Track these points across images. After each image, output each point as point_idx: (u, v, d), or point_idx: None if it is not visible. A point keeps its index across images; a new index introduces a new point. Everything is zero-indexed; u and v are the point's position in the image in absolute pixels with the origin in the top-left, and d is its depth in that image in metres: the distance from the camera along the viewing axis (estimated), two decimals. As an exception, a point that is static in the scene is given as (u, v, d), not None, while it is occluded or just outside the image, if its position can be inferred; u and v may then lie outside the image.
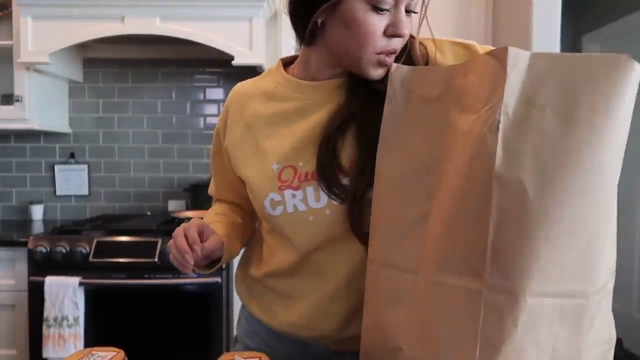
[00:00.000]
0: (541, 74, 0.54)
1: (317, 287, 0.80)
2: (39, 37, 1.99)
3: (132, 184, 2.50)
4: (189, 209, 2.35)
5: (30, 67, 2.08)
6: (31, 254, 1.82)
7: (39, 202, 2.45)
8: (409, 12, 0.72)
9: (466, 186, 0.56)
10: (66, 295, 1.75)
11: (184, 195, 2.44)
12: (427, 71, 0.66)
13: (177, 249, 0.75)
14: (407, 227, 0.63)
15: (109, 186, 2.50)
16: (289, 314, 0.83)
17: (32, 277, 1.80)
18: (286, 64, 0.86)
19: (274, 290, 0.86)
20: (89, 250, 1.81)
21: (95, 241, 1.84)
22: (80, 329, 1.76)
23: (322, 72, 0.79)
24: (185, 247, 0.74)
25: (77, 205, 2.50)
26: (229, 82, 2.46)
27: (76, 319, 1.76)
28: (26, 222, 2.36)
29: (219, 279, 1.81)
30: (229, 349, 0.99)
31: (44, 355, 1.75)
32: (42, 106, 2.20)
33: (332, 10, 0.70)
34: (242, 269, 0.94)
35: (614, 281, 0.62)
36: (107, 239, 1.86)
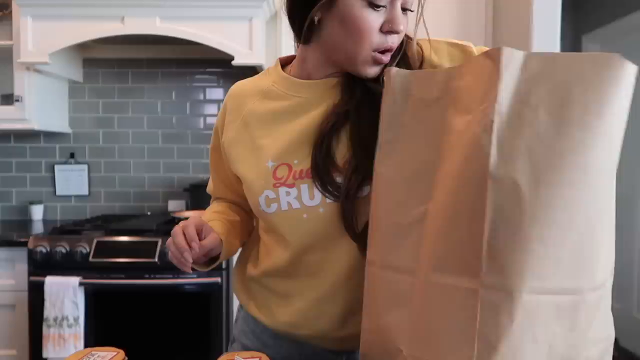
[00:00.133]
0: (534, 74, 0.54)
1: (313, 287, 0.80)
2: (39, 37, 1.99)
3: (132, 184, 2.50)
4: (189, 209, 2.36)
5: (30, 67, 2.08)
6: (31, 254, 1.82)
7: (39, 202, 2.45)
8: (405, 10, 0.73)
9: (461, 186, 0.56)
10: (66, 295, 1.75)
11: (184, 195, 2.44)
12: (425, 74, 0.67)
13: (175, 247, 0.76)
14: (406, 229, 0.63)
15: (109, 186, 2.50)
16: (285, 313, 0.83)
17: (32, 277, 1.80)
18: (285, 63, 0.86)
19: (270, 289, 0.86)
20: (89, 250, 1.81)
21: (95, 241, 1.84)
22: (80, 329, 1.76)
23: (318, 70, 0.80)
24: (183, 245, 0.75)
25: (77, 205, 2.50)
26: (229, 82, 2.46)
27: (76, 319, 1.76)
28: (26, 222, 2.36)
29: (219, 279, 1.81)
30: (228, 347, 0.99)
31: (44, 355, 1.76)
32: (42, 106, 2.20)
33: (329, 7, 0.71)
34: (240, 268, 0.95)
35: (612, 279, 0.62)
36: (107, 239, 1.86)
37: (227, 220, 0.90)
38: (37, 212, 2.43)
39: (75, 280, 1.76)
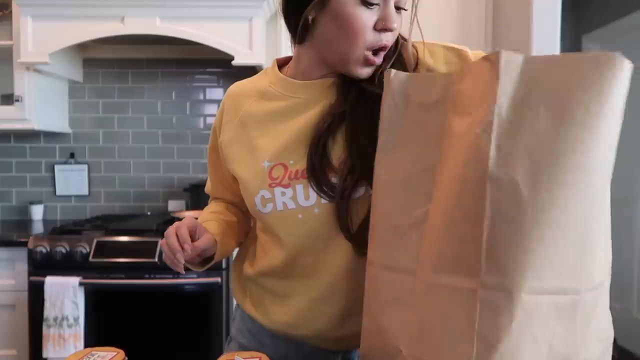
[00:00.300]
0: (534, 76, 0.55)
1: (309, 287, 0.80)
2: (39, 37, 1.99)
3: (132, 184, 2.50)
4: (189, 209, 2.36)
5: (30, 67, 2.08)
6: (31, 254, 1.82)
7: (39, 202, 2.45)
8: (399, 8, 0.73)
9: (461, 187, 0.56)
10: (66, 295, 1.75)
11: (184, 195, 2.44)
12: (425, 77, 0.67)
13: (168, 248, 0.77)
14: (406, 229, 0.64)
15: (109, 186, 2.50)
16: (281, 313, 0.84)
17: (32, 277, 1.80)
18: (282, 64, 0.87)
19: (266, 288, 0.87)
20: (89, 250, 1.81)
21: (95, 241, 1.84)
22: (80, 329, 1.76)
23: (313, 70, 0.80)
24: (176, 246, 0.76)
25: (77, 205, 2.50)
26: (229, 82, 2.45)
27: (76, 319, 1.76)
28: (26, 222, 2.36)
29: (218, 279, 1.81)
30: (225, 345, 1.00)
31: (44, 355, 1.76)
32: (42, 106, 2.20)
33: (322, 6, 0.72)
34: (237, 267, 0.95)
35: (610, 279, 0.63)
36: (107, 239, 1.86)
37: (224, 220, 0.91)
38: (37, 212, 2.43)
39: (75, 280, 1.76)
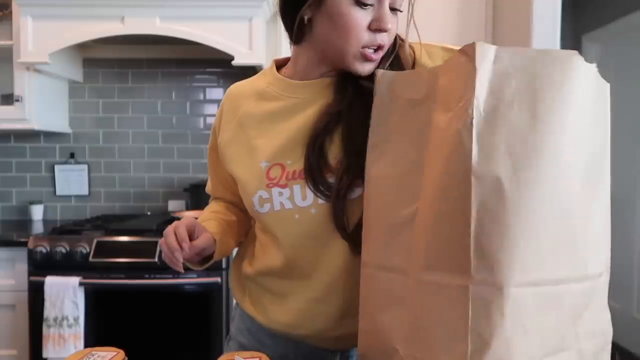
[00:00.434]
0: (506, 68, 0.56)
1: (306, 288, 0.81)
2: (39, 37, 1.99)
3: (132, 184, 2.50)
4: (189, 209, 2.36)
5: (30, 67, 2.08)
6: (31, 254, 1.82)
7: (39, 202, 2.45)
8: (394, 10, 0.74)
9: (446, 183, 0.57)
10: (66, 295, 1.75)
11: (184, 195, 2.44)
12: (411, 74, 0.68)
13: (167, 247, 0.78)
14: (397, 229, 0.64)
15: (109, 186, 2.50)
16: (280, 313, 0.84)
17: (32, 277, 1.80)
18: (280, 65, 0.88)
19: (265, 288, 0.87)
20: (89, 250, 1.81)
21: (95, 241, 1.84)
22: (80, 329, 1.76)
23: (310, 70, 0.81)
24: (174, 245, 0.77)
25: (77, 205, 2.50)
26: (229, 82, 2.45)
27: (76, 319, 1.76)
28: (26, 222, 2.36)
29: (218, 279, 1.81)
30: (225, 345, 1.00)
31: (44, 355, 1.76)
32: (42, 106, 2.20)
33: (318, 5, 0.73)
34: (236, 266, 0.95)
35: (608, 276, 0.63)
36: (107, 239, 1.86)
37: (223, 219, 0.91)
38: (37, 212, 2.43)
39: (75, 280, 1.76)
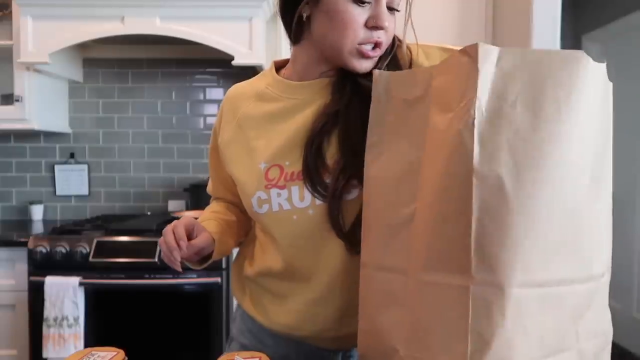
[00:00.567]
0: (509, 69, 0.55)
1: (306, 289, 0.81)
2: (39, 37, 1.99)
3: (132, 184, 2.50)
4: (189, 209, 2.35)
5: (30, 67, 2.08)
6: (31, 254, 1.82)
7: (39, 202, 2.45)
8: (392, 9, 0.74)
9: (447, 183, 0.57)
10: (66, 295, 1.75)
11: (184, 195, 2.44)
12: (406, 74, 0.68)
13: (166, 246, 0.78)
14: (396, 229, 0.64)
15: (109, 186, 2.50)
16: (280, 313, 0.85)
17: (32, 277, 1.80)
18: (280, 66, 0.88)
19: (265, 288, 0.87)
20: (89, 250, 1.81)
21: (95, 241, 1.84)
22: (80, 329, 1.76)
23: (309, 69, 0.81)
24: (173, 244, 0.77)
25: (77, 205, 2.50)
26: (229, 82, 2.46)
27: (76, 319, 1.76)
28: (26, 222, 2.36)
29: (219, 279, 1.81)
30: (226, 346, 1.00)
31: (44, 355, 1.76)
32: (42, 106, 2.20)
33: (316, 3, 0.74)
34: (237, 265, 0.96)
35: (609, 275, 0.63)
36: (107, 239, 1.86)
37: (223, 219, 0.92)
38: (37, 212, 2.43)
39: (75, 280, 1.76)
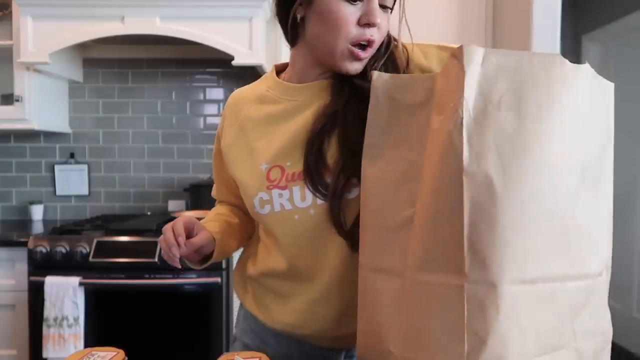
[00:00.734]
0: (492, 70, 0.57)
1: (309, 289, 0.82)
2: (39, 37, 1.99)
3: (132, 184, 2.50)
4: (189, 209, 2.35)
5: (30, 67, 2.08)
6: (31, 254, 1.82)
7: (39, 202, 2.45)
8: (385, 7, 0.75)
9: (440, 184, 0.58)
10: (66, 295, 1.75)
11: (184, 195, 2.44)
12: (407, 79, 0.68)
13: (165, 243, 0.79)
14: (394, 232, 0.64)
15: (109, 186, 2.50)
16: (283, 313, 0.85)
17: (32, 277, 1.80)
18: (281, 70, 0.89)
19: (268, 287, 0.88)
20: (89, 250, 1.81)
21: (95, 241, 1.84)
22: (80, 329, 1.76)
23: (307, 72, 0.82)
24: (172, 240, 0.78)
25: (77, 205, 2.50)
26: (229, 82, 2.45)
27: (76, 319, 1.76)
28: (26, 222, 2.36)
29: (219, 279, 1.81)
30: (229, 347, 1.01)
31: (44, 355, 1.75)
32: (42, 106, 2.20)
33: (309, 4, 0.75)
34: (240, 267, 0.96)
35: (608, 275, 0.63)
36: (107, 239, 1.86)
37: (225, 221, 0.93)
38: (37, 212, 2.43)
39: (75, 280, 1.76)
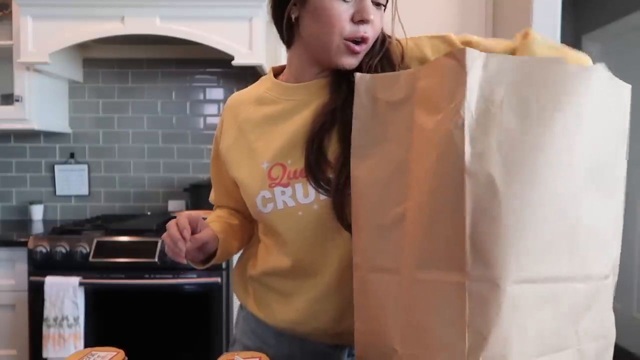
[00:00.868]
0: (494, 73, 0.57)
1: (310, 286, 0.82)
2: (39, 37, 1.99)
3: (132, 184, 2.50)
4: (189, 209, 2.35)
5: (30, 67, 2.08)
6: (31, 254, 1.82)
7: (39, 202, 2.45)
8: (378, 5, 0.76)
9: (438, 183, 0.58)
10: (66, 295, 1.75)
11: (184, 195, 2.44)
12: (389, 77, 0.68)
13: (170, 238, 0.79)
14: (386, 230, 0.64)
15: (109, 186, 2.50)
16: (285, 311, 0.85)
17: (32, 277, 1.80)
18: (279, 72, 0.90)
19: (270, 287, 0.88)
20: (89, 250, 1.81)
21: (95, 241, 1.84)
22: (80, 329, 1.76)
23: (304, 71, 0.83)
24: (176, 235, 0.78)
25: (77, 205, 2.50)
26: (229, 82, 2.45)
27: (76, 319, 1.76)
28: (26, 222, 2.36)
29: (219, 279, 1.81)
30: (228, 349, 1.01)
31: (44, 355, 1.76)
32: (42, 106, 2.20)
33: (303, 4, 0.76)
34: (240, 268, 0.96)
35: (615, 278, 0.63)
36: (107, 239, 1.86)
37: (227, 222, 0.93)
38: (37, 212, 2.43)
39: (75, 280, 1.76)
